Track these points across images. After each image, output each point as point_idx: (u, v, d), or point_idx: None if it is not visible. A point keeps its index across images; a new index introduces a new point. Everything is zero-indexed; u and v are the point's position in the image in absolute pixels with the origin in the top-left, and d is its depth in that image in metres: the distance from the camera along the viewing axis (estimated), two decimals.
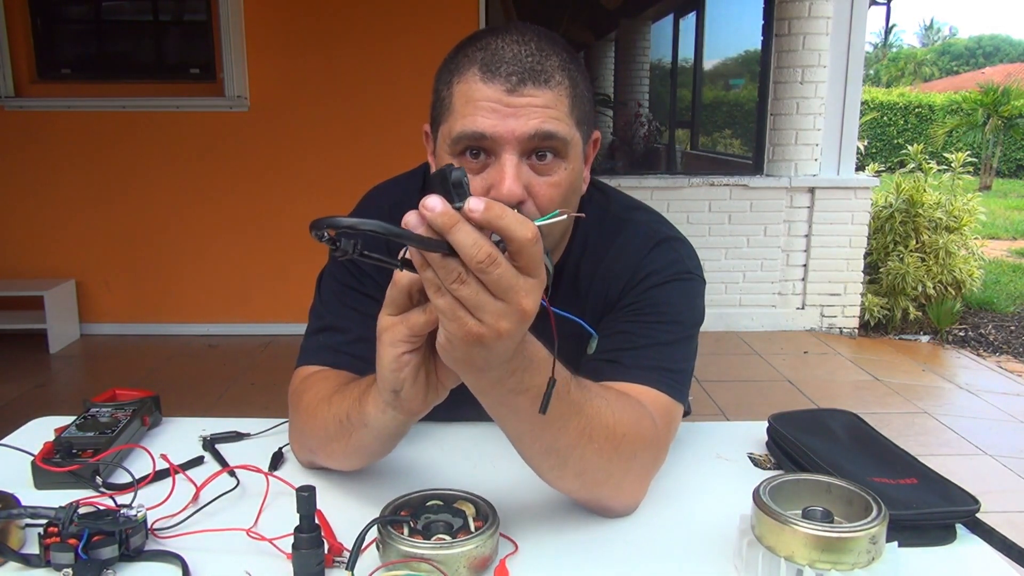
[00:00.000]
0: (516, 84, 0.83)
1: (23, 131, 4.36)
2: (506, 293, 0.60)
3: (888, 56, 40.11)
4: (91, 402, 1.08)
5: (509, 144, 0.83)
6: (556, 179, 0.86)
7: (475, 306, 0.60)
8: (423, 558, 0.72)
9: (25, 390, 3.71)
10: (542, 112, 0.83)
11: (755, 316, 4.80)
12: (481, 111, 0.83)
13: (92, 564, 0.73)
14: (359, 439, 0.83)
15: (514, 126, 0.83)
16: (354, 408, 0.82)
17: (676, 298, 0.98)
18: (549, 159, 0.86)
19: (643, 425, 0.85)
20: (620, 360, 0.92)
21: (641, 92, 7.57)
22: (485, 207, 0.58)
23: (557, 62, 0.85)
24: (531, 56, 0.84)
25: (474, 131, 0.83)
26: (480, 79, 0.84)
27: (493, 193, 0.84)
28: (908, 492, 0.85)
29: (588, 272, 1.02)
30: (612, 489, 0.85)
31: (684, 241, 1.05)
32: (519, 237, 0.59)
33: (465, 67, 0.86)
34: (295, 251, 4.38)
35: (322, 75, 4.37)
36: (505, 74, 0.83)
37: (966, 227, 4.92)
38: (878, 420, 1.28)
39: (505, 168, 0.83)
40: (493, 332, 0.61)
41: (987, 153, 14.64)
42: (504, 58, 0.83)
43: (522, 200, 0.84)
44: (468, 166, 0.86)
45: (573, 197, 0.92)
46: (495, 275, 0.59)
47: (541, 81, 0.83)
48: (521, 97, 0.83)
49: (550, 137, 0.84)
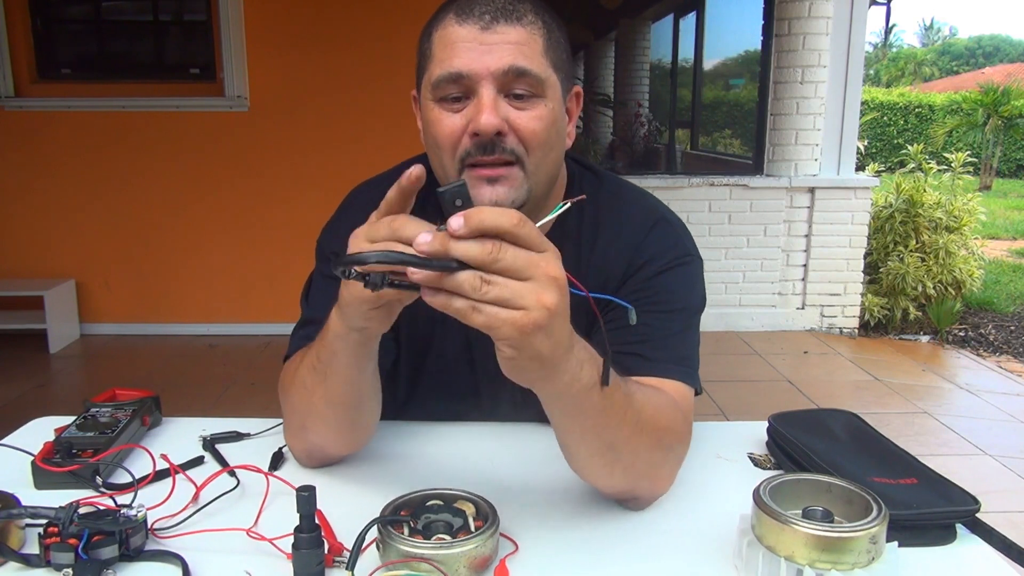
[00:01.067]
0: (489, 22, 0.85)
1: (23, 131, 4.36)
2: (527, 270, 0.61)
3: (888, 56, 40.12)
4: (91, 402, 1.08)
5: (484, 79, 0.85)
6: (537, 113, 0.88)
7: (511, 297, 0.61)
8: (423, 558, 0.71)
9: (25, 390, 3.71)
10: (515, 48, 0.86)
11: (755, 316, 4.80)
12: (457, 51, 0.86)
13: (92, 564, 0.73)
14: (334, 375, 0.84)
15: (488, 61, 0.85)
16: (320, 346, 0.83)
17: (681, 284, 1.00)
18: (527, 98, 0.87)
19: (676, 418, 0.87)
20: (644, 354, 0.93)
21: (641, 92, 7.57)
22: (464, 220, 0.59)
23: (530, 6, 0.89)
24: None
25: (450, 71, 0.86)
26: (455, 21, 0.87)
27: (472, 126, 0.86)
28: (908, 492, 0.85)
29: (586, 250, 1.03)
30: (651, 480, 0.87)
31: (676, 218, 1.06)
32: (504, 225, 0.60)
33: (442, 17, 0.89)
34: (295, 251, 4.38)
35: (322, 75, 4.36)
36: (478, 14, 0.86)
37: (966, 227, 4.92)
38: (878, 420, 1.28)
39: (482, 100, 0.85)
40: (541, 309, 0.61)
41: (987, 153, 14.64)
42: (478, 1, 0.87)
43: (501, 131, 0.86)
44: (450, 108, 0.88)
45: (557, 141, 0.93)
46: (509, 258, 0.60)
47: (514, 19, 0.86)
48: (494, 34, 0.85)
49: (524, 73, 0.86)
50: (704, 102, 6.83)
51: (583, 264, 1.03)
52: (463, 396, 1.09)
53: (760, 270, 4.76)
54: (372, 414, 0.95)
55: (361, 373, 0.85)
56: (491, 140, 0.86)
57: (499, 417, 1.10)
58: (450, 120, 0.87)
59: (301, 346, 0.98)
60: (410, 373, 1.08)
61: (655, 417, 0.82)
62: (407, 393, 1.10)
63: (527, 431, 1.06)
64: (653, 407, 0.83)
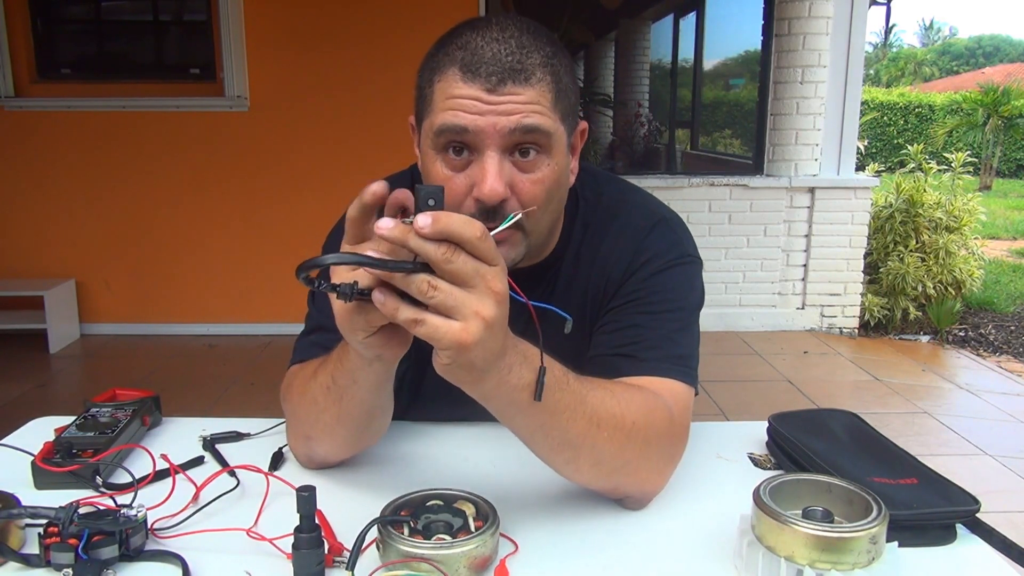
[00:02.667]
0: (496, 84, 0.82)
1: (23, 131, 4.36)
2: (473, 279, 0.63)
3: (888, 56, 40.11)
4: (91, 402, 1.08)
5: (491, 139, 0.83)
6: (539, 176, 0.86)
7: (452, 307, 0.63)
8: (423, 558, 0.71)
9: (25, 390, 3.71)
10: (524, 107, 0.83)
11: (755, 316, 4.80)
12: (462, 107, 0.83)
13: (92, 564, 0.73)
14: (350, 399, 0.84)
15: (495, 120, 0.82)
16: (337, 370, 0.83)
17: (679, 283, 0.99)
18: (532, 155, 0.86)
19: (656, 414, 0.86)
20: (635, 355, 0.93)
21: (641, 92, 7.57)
22: (432, 220, 0.61)
23: (539, 58, 0.84)
24: (511, 55, 0.83)
25: (455, 124, 0.83)
26: (460, 79, 0.83)
27: (475, 192, 0.84)
28: (908, 492, 0.85)
29: (589, 255, 1.03)
30: (629, 476, 0.86)
31: (678, 219, 1.06)
32: (468, 236, 0.62)
33: (446, 66, 0.85)
34: (296, 251, 4.36)
35: (322, 74, 4.36)
36: (485, 74, 0.82)
37: (966, 227, 4.92)
38: (878, 420, 1.29)
39: (487, 165, 0.83)
40: (477, 322, 0.63)
41: (987, 153, 14.64)
42: (484, 58, 0.82)
43: (504, 198, 0.84)
44: (451, 164, 0.86)
45: (558, 192, 0.92)
46: (459, 263, 0.62)
47: (522, 79, 0.83)
48: (503, 96, 0.82)
49: (533, 130, 0.84)
50: (704, 102, 6.83)
51: (584, 267, 1.03)
52: (465, 402, 1.08)
53: (760, 270, 4.76)
54: (382, 427, 0.95)
55: (378, 396, 0.86)
56: (494, 207, 0.84)
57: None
58: (453, 183, 0.85)
59: (309, 353, 0.98)
60: (413, 380, 1.08)
61: (620, 414, 0.81)
62: (410, 398, 1.10)
63: None
64: (617, 404, 0.82)
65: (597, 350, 0.97)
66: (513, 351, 0.71)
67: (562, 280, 1.02)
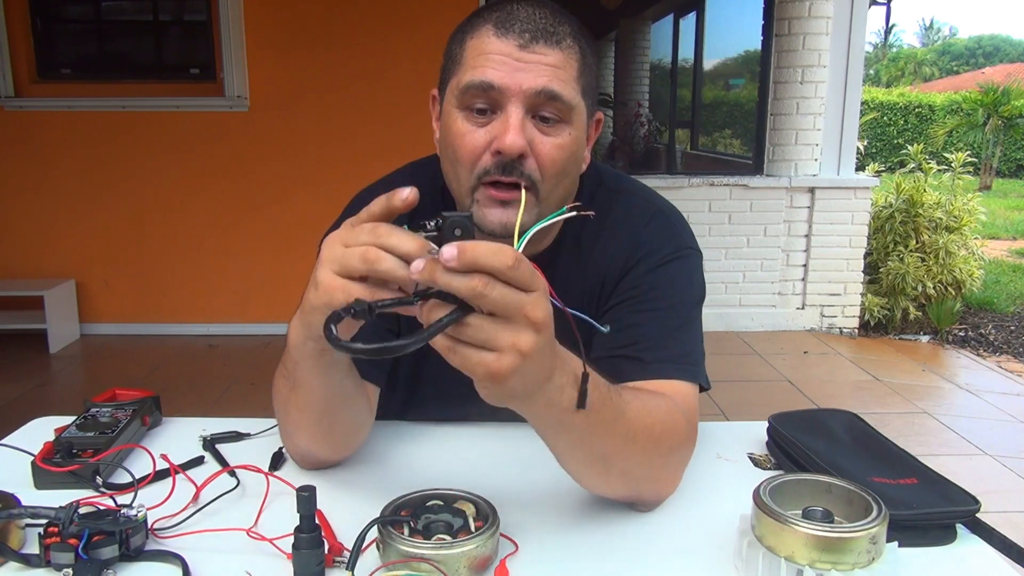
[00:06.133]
0: (528, 41, 0.84)
1: (23, 131, 4.36)
2: (511, 309, 0.60)
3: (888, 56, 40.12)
4: (91, 402, 1.08)
5: (515, 96, 0.84)
6: (560, 141, 0.87)
7: (487, 340, 0.60)
8: (423, 558, 0.71)
9: (25, 390, 3.71)
10: (551, 71, 0.85)
11: (755, 316, 4.80)
12: (492, 63, 0.84)
13: (92, 564, 0.73)
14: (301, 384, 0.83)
15: (522, 79, 0.84)
16: (287, 355, 0.83)
17: (677, 279, 0.99)
18: (553, 123, 0.87)
19: (676, 421, 0.87)
20: (638, 356, 0.93)
21: (641, 92, 7.58)
22: (458, 251, 0.58)
23: (569, 29, 0.87)
24: (544, 19, 0.86)
25: (483, 80, 0.84)
26: (494, 34, 0.85)
27: (495, 144, 0.85)
28: (908, 492, 0.85)
29: (588, 245, 1.02)
30: (652, 483, 0.87)
31: (676, 212, 1.06)
32: (499, 266, 0.58)
33: (479, 25, 0.87)
34: (295, 251, 4.38)
35: (322, 75, 4.36)
36: (518, 31, 0.85)
37: (966, 227, 4.92)
38: (878, 420, 1.29)
39: (510, 119, 0.84)
40: (514, 354, 0.61)
41: (987, 153, 14.64)
42: (519, 17, 0.86)
43: (523, 153, 0.85)
44: (474, 121, 0.87)
45: (574, 168, 0.92)
46: (496, 295, 0.59)
47: (553, 41, 0.85)
48: (533, 54, 0.84)
49: (556, 98, 0.85)
50: (704, 102, 6.83)
51: (583, 262, 1.02)
52: (463, 401, 1.08)
53: (760, 270, 4.76)
54: (352, 422, 0.94)
55: (328, 382, 0.84)
56: (512, 161, 0.85)
57: (500, 418, 1.10)
58: (473, 136, 0.86)
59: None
60: (408, 378, 1.08)
61: (651, 425, 0.81)
62: (406, 396, 1.09)
63: (527, 432, 1.05)
64: (648, 415, 0.82)
65: (598, 351, 0.97)
66: (561, 371, 0.68)
67: (560, 274, 1.02)
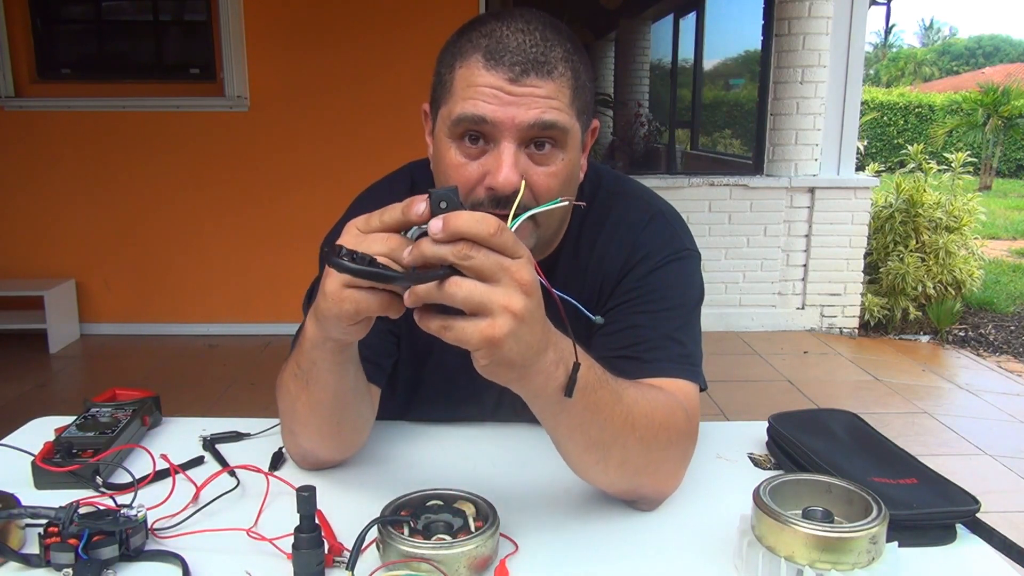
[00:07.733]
0: (519, 74, 0.82)
1: (23, 131, 4.36)
2: (497, 273, 0.62)
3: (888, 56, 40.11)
4: (91, 402, 1.08)
5: (508, 131, 0.83)
6: (554, 169, 0.87)
7: (479, 304, 0.62)
8: (423, 558, 0.71)
9: (25, 390, 3.71)
10: (544, 103, 0.83)
11: (755, 316, 4.80)
12: (482, 95, 0.83)
13: (92, 564, 0.73)
14: (315, 382, 0.83)
15: (515, 113, 0.83)
16: (300, 354, 0.83)
17: (676, 280, 0.99)
18: (548, 149, 0.86)
19: (676, 415, 0.87)
20: (638, 356, 0.93)
21: (641, 92, 7.58)
22: (443, 222, 0.61)
23: (561, 52, 0.85)
24: (535, 46, 0.83)
25: (474, 114, 0.83)
26: (483, 66, 0.83)
27: (489, 180, 0.84)
28: (908, 492, 0.85)
29: (585, 249, 1.03)
30: (650, 477, 0.86)
31: (674, 213, 1.06)
32: (482, 232, 0.61)
33: (468, 52, 0.85)
34: (296, 251, 4.38)
35: (322, 74, 4.36)
36: (508, 63, 0.83)
37: (966, 227, 4.92)
38: (878, 420, 1.29)
39: (503, 156, 0.83)
40: (506, 315, 0.62)
41: (987, 153, 14.64)
42: (508, 47, 0.83)
43: (518, 189, 0.84)
44: (466, 151, 0.86)
45: (570, 187, 0.92)
46: (478, 259, 0.62)
47: (544, 72, 0.83)
48: (524, 87, 0.83)
49: (551, 127, 0.84)
50: (704, 102, 6.83)
51: (583, 263, 1.02)
52: (464, 402, 1.08)
53: (760, 270, 4.76)
54: (359, 420, 0.94)
55: (342, 379, 0.84)
56: (505, 196, 0.84)
57: (500, 419, 1.10)
58: (466, 169, 0.86)
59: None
60: (410, 380, 1.08)
61: (649, 413, 0.82)
62: (407, 397, 1.09)
63: (527, 432, 1.06)
64: (647, 403, 0.82)
65: (598, 352, 0.97)
66: (556, 348, 0.70)
67: (560, 275, 1.02)
